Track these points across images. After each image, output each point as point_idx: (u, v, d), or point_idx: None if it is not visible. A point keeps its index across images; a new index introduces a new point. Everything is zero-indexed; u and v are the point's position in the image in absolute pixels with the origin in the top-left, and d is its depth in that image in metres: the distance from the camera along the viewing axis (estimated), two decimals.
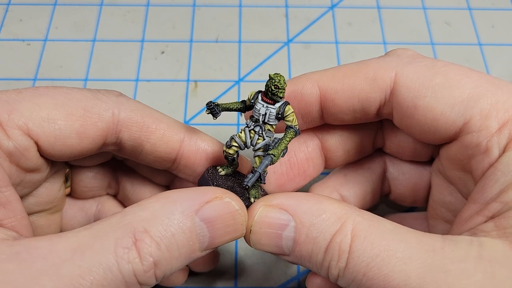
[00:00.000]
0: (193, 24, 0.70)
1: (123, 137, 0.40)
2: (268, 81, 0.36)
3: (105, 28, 0.69)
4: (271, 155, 0.36)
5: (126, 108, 0.40)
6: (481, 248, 0.31)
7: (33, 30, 0.69)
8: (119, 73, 0.65)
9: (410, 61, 0.40)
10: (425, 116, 0.38)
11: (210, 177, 0.40)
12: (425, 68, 0.39)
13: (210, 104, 0.38)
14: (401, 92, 0.39)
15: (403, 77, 0.39)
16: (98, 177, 0.47)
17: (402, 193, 0.49)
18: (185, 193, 0.34)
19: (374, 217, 0.34)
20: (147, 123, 0.41)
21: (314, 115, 0.43)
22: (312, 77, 0.42)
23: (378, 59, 0.42)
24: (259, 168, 0.36)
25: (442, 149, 0.41)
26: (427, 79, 0.38)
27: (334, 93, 0.41)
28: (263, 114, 0.37)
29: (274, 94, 0.36)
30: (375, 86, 0.40)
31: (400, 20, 0.71)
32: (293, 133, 0.37)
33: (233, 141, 0.38)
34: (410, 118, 0.39)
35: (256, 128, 0.38)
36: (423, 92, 0.38)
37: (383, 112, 0.42)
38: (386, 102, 0.41)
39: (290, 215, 0.34)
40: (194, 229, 0.33)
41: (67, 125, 0.37)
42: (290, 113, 0.37)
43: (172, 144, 0.41)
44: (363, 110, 0.41)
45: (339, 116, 0.42)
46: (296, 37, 0.69)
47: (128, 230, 0.31)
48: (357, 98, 0.41)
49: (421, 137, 0.41)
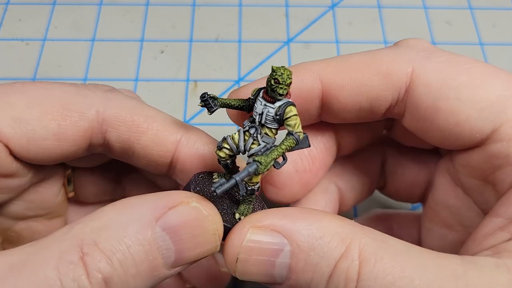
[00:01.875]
0: (193, 23, 0.70)
1: (110, 138, 0.36)
2: (270, 73, 0.31)
3: (105, 27, 0.69)
4: (257, 163, 0.29)
5: (113, 105, 0.36)
6: (510, 276, 0.27)
7: (32, 29, 0.68)
8: (119, 73, 0.65)
9: (427, 55, 0.35)
10: (446, 120, 0.33)
11: (195, 182, 0.34)
12: (446, 64, 0.34)
13: (204, 95, 0.33)
14: (420, 91, 0.34)
15: (421, 73, 0.34)
16: (101, 179, 0.43)
17: (398, 188, 0.45)
18: (145, 199, 0.29)
19: (382, 236, 0.29)
20: (137, 122, 0.36)
21: (312, 113, 0.38)
22: (313, 69, 0.36)
23: (390, 50, 0.37)
24: (238, 175, 0.29)
25: (459, 154, 0.37)
26: (449, 77, 0.33)
27: (339, 89, 0.35)
28: (259, 114, 0.32)
29: (274, 90, 0.31)
30: (388, 82, 0.35)
31: (401, 19, 0.71)
32: (292, 141, 0.31)
33: (224, 143, 0.33)
34: (427, 121, 0.34)
35: (251, 130, 0.32)
36: (445, 92, 0.33)
37: (392, 112, 0.37)
38: (398, 102, 0.36)
39: (284, 237, 0.28)
40: (155, 240, 0.27)
41: (42, 126, 0.33)
42: (292, 116, 0.31)
43: (166, 146, 0.37)
44: (370, 109, 0.36)
45: (342, 115, 0.37)
46: (296, 37, 0.69)
47: (75, 242, 0.26)
48: (365, 95, 0.35)
49: (437, 142, 0.36)
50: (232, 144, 0.33)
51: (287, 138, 0.31)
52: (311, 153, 0.39)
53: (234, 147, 0.33)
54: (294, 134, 0.31)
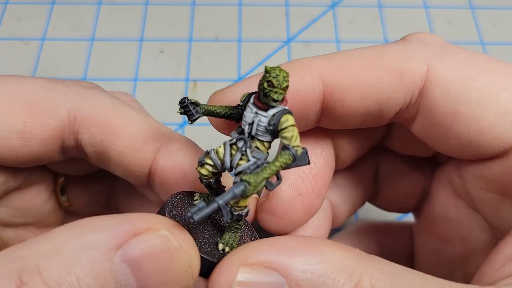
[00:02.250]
0: (193, 23, 0.70)
1: (82, 140, 0.32)
2: (263, 75, 0.26)
3: (104, 27, 0.69)
4: (245, 183, 0.24)
5: (88, 102, 0.32)
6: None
7: (31, 29, 0.68)
8: (118, 73, 0.65)
9: (443, 52, 0.31)
10: (467, 127, 0.30)
11: (171, 204, 0.28)
12: (464, 62, 0.30)
13: (184, 100, 0.28)
14: (436, 93, 0.30)
15: (438, 73, 0.30)
16: (93, 190, 0.39)
17: (391, 198, 0.42)
18: (106, 222, 0.24)
19: (394, 269, 0.25)
20: (112, 124, 0.32)
21: (309, 119, 0.33)
22: (313, 66, 0.31)
23: (400, 46, 0.32)
24: (221, 198, 0.24)
25: (474, 165, 0.33)
26: (469, 77, 0.30)
27: (345, 90, 0.31)
28: (249, 124, 0.27)
29: (267, 95, 0.26)
30: (401, 83, 0.30)
31: (402, 19, 0.71)
32: (288, 157, 0.26)
33: (207, 158, 0.28)
34: (444, 128, 0.31)
35: (239, 143, 0.27)
36: (466, 95, 0.29)
37: (401, 117, 0.33)
38: (410, 105, 0.32)
39: (281, 276, 0.24)
40: (113, 274, 0.22)
41: (6, 123, 0.30)
42: (289, 127, 0.26)
43: (143, 154, 0.32)
44: (378, 114, 0.32)
45: (345, 120, 0.32)
46: (296, 36, 0.69)
47: (14, 268, 0.21)
48: (375, 98, 0.31)
49: (452, 151, 0.32)
50: (216, 159, 0.28)
51: (283, 153, 0.26)
52: (312, 171, 0.34)
53: (218, 163, 0.28)
54: (291, 149, 0.26)
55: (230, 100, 0.31)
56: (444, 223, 0.37)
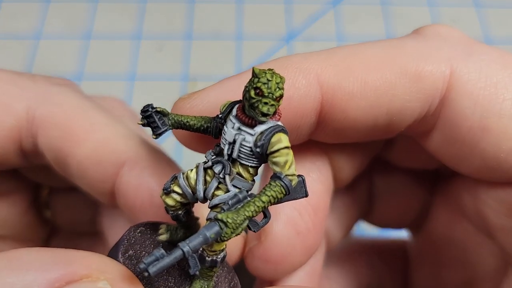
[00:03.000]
0: (192, 20, 0.69)
1: (41, 143, 0.28)
2: (250, 80, 0.21)
3: (101, 25, 0.67)
4: (220, 223, 0.19)
5: (50, 101, 0.27)
6: None
7: (27, 27, 0.67)
8: (116, 71, 0.63)
9: (468, 51, 0.26)
10: (498, 146, 0.24)
11: (128, 241, 0.23)
12: (496, 66, 0.25)
13: (147, 109, 0.23)
14: (461, 103, 0.25)
15: (464, 78, 0.25)
16: (77, 204, 0.34)
17: (387, 215, 0.37)
18: (42, 258, 0.20)
19: None
20: (73, 128, 0.27)
21: (302, 132, 0.26)
22: (308, 67, 0.25)
23: (415, 42, 0.27)
24: (185, 244, 0.19)
25: (496, 188, 0.28)
26: (502, 85, 0.24)
27: (347, 98, 0.25)
28: (230, 143, 0.21)
29: (253, 106, 0.20)
30: (419, 89, 0.25)
31: (405, 17, 0.69)
32: (280, 189, 0.20)
33: (175, 185, 0.22)
34: (469, 145, 0.25)
35: (216, 168, 0.21)
36: (498, 107, 0.24)
37: (414, 130, 0.27)
38: (427, 116, 0.26)
39: None
40: None
41: None
42: (282, 150, 0.20)
43: (105, 168, 0.27)
44: (388, 127, 0.26)
45: (346, 133, 0.27)
46: (297, 35, 0.68)
47: None
48: (385, 108, 0.25)
49: (474, 171, 0.27)
50: (185, 187, 0.22)
51: (272, 184, 0.20)
52: (311, 202, 0.28)
53: (188, 192, 0.22)
54: (284, 179, 0.20)
55: (201, 109, 0.25)
56: (447, 245, 0.33)
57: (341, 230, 0.35)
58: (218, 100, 0.24)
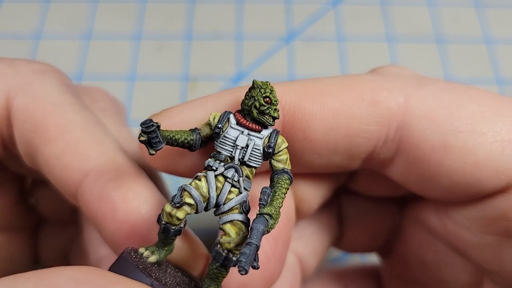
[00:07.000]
0: (192, 20, 0.68)
1: (15, 135, 0.27)
2: (253, 91, 0.24)
3: (101, 25, 0.67)
4: (266, 216, 0.21)
5: (29, 91, 0.26)
6: None
7: (27, 27, 0.67)
8: (116, 71, 0.63)
9: (419, 82, 0.28)
10: (461, 161, 0.25)
11: (136, 262, 0.22)
12: (445, 92, 0.27)
13: (150, 124, 0.22)
14: (421, 126, 0.26)
15: (419, 104, 0.26)
16: (57, 196, 0.32)
17: (356, 239, 0.37)
18: (19, 281, 0.18)
19: None
20: (46, 124, 0.26)
21: None
22: None
23: (371, 76, 0.29)
24: (254, 238, 0.21)
25: (469, 205, 0.28)
26: (456, 106, 0.26)
27: (307, 118, 0.26)
28: (243, 147, 0.24)
29: (264, 113, 0.24)
30: (375, 113, 0.26)
31: (406, 17, 0.69)
32: (289, 181, 0.23)
33: (186, 196, 0.22)
34: (434, 166, 0.26)
35: (228, 173, 0.23)
36: (455, 125, 0.26)
37: (376, 159, 0.28)
38: (385, 142, 0.27)
39: None
40: None
41: None
42: (285, 149, 0.24)
43: (70, 173, 0.26)
44: (348, 152, 0.27)
45: (307, 159, 0.28)
46: (298, 34, 0.68)
47: None
48: (344, 130, 0.26)
49: (445, 193, 0.28)
50: (199, 197, 0.22)
51: (281, 177, 0.23)
52: (272, 232, 0.26)
53: (200, 201, 0.22)
54: (289, 172, 0.24)
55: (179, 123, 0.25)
56: (420, 265, 0.33)
57: (314, 257, 0.36)
58: (191, 116, 0.25)
